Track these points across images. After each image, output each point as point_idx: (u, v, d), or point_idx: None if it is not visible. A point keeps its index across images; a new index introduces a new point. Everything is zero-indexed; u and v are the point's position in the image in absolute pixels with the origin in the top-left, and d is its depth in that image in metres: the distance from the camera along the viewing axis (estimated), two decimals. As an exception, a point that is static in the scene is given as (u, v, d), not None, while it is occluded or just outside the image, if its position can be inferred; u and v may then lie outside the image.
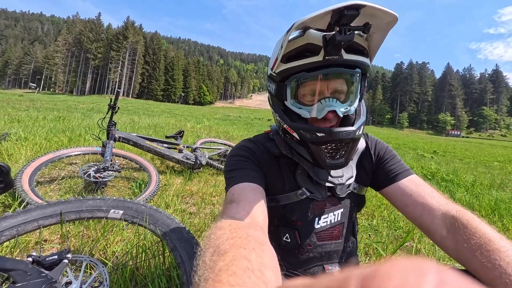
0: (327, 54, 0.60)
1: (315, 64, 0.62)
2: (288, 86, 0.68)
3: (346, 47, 0.61)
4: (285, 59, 0.65)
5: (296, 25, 0.57)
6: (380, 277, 0.12)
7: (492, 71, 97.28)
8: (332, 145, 0.66)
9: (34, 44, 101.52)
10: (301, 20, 0.56)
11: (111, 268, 1.01)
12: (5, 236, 0.82)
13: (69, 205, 0.97)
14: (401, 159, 0.80)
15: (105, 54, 76.68)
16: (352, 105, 0.67)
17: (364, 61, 0.64)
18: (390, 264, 0.13)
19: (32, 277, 0.64)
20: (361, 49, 0.64)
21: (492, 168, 7.81)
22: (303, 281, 0.16)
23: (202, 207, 1.95)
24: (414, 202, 0.67)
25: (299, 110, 0.67)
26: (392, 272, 0.12)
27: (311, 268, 0.74)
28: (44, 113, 6.67)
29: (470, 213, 0.60)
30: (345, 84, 0.67)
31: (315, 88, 0.65)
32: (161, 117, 11.03)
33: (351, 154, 0.68)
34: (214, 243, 0.39)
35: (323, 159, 0.66)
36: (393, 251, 1.52)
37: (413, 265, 0.12)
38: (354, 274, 0.13)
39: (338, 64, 0.62)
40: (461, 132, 78.49)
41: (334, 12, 0.54)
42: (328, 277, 0.14)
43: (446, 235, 0.60)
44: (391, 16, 0.57)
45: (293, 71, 0.65)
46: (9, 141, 2.79)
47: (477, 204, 2.82)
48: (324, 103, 0.65)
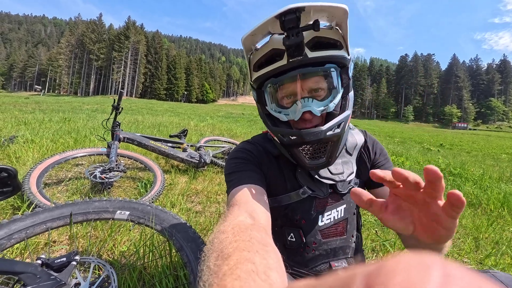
0: (290, 56, 0.61)
1: (281, 68, 0.64)
2: (265, 92, 0.71)
3: (313, 44, 0.62)
4: (257, 67, 0.69)
5: (243, 40, 0.62)
6: (385, 274, 0.12)
7: (500, 61, 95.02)
8: (309, 146, 0.66)
9: (37, 47, 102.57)
10: (244, 35, 0.61)
11: (118, 268, 1.02)
12: (15, 239, 0.84)
13: (76, 207, 0.98)
14: (392, 165, 0.81)
15: (108, 55, 77.19)
16: (333, 101, 0.66)
17: (334, 54, 0.63)
18: (394, 260, 0.12)
19: (41, 279, 0.65)
20: (332, 42, 0.63)
21: (501, 160, 7.67)
22: (307, 282, 0.15)
23: (208, 206, 1.96)
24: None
25: (278, 114, 0.69)
26: (397, 268, 0.12)
27: (318, 266, 0.73)
28: (49, 115, 6.76)
29: None
30: (322, 82, 0.66)
31: (290, 90, 0.66)
32: (165, 116, 11.08)
33: (333, 153, 0.66)
34: (217, 248, 0.39)
35: (303, 160, 0.67)
36: (401, 247, 1.50)
37: (417, 260, 0.12)
38: (359, 272, 0.13)
39: (304, 64, 0.62)
40: (468, 125, 77.17)
41: (276, 19, 0.56)
42: (332, 276, 0.14)
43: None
44: (338, 9, 0.56)
45: (263, 78, 0.68)
46: (16, 143, 2.83)
47: (485, 198, 2.77)
48: (300, 104, 0.65)
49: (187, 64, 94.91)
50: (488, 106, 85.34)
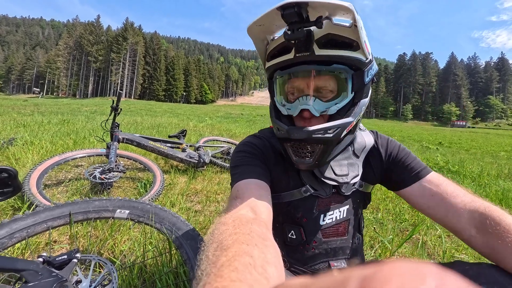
0: (297, 51, 0.60)
1: (287, 62, 0.63)
2: (274, 83, 0.71)
3: (325, 42, 0.59)
4: (270, 57, 0.69)
5: (247, 30, 0.62)
6: (379, 279, 0.12)
7: (498, 59, 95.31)
8: (297, 144, 0.65)
9: (35, 49, 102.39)
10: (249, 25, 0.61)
11: (119, 266, 1.03)
12: (16, 238, 0.85)
13: (76, 206, 0.99)
14: (416, 157, 0.75)
15: (106, 56, 77.06)
16: (337, 104, 0.63)
17: (345, 54, 0.59)
18: (390, 266, 0.12)
19: (43, 276, 0.65)
20: (347, 42, 0.59)
21: (499, 158, 7.70)
22: (303, 280, 0.16)
23: (207, 205, 1.97)
24: (436, 203, 0.65)
25: (281, 107, 0.69)
26: (392, 275, 0.12)
27: (317, 265, 0.74)
28: (48, 117, 6.76)
29: (500, 209, 0.58)
30: (330, 82, 0.63)
31: (295, 85, 0.66)
32: (164, 117, 11.08)
33: (322, 156, 0.64)
34: (217, 239, 0.40)
35: (291, 157, 0.67)
36: (399, 244, 1.52)
37: (412, 268, 0.12)
38: (354, 275, 0.13)
39: (310, 61, 0.61)
40: (467, 123, 77.23)
41: (278, 11, 0.54)
42: (328, 276, 0.14)
43: (476, 234, 0.58)
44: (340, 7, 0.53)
45: (272, 69, 0.68)
46: (16, 145, 2.84)
47: (484, 194, 2.79)
48: (301, 101, 0.64)
49: (186, 65, 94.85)
50: (487, 104, 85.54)
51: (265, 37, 0.67)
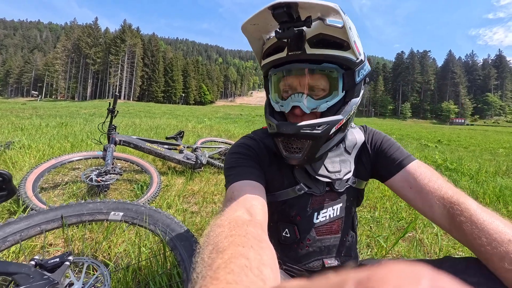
0: (289, 50, 0.62)
1: (280, 60, 0.65)
2: (269, 80, 0.72)
3: (316, 41, 0.60)
4: (265, 55, 0.70)
5: (241, 28, 0.63)
6: (375, 281, 0.12)
7: (495, 56, 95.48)
8: (286, 139, 0.66)
9: (33, 52, 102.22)
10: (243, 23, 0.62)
11: (113, 268, 1.03)
12: (9, 241, 0.85)
13: (70, 209, 1.00)
14: (400, 146, 0.76)
15: (104, 59, 76.97)
16: (328, 102, 0.64)
17: (335, 54, 0.60)
18: (385, 268, 0.13)
19: (34, 279, 0.66)
20: (338, 42, 0.60)
21: (498, 155, 7.71)
22: (299, 283, 0.16)
23: (204, 206, 1.97)
24: (414, 196, 0.66)
25: (275, 104, 0.70)
26: (387, 277, 0.12)
27: (311, 263, 0.74)
28: (46, 120, 6.75)
29: (466, 198, 0.58)
30: (322, 80, 0.64)
31: (288, 83, 0.67)
32: (162, 118, 11.08)
33: (312, 151, 0.65)
34: (213, 241, 0.40)
35: (281, 151, 0.68)
36: (394, 242, 1.52)
37: (408, 270, 0.12)
38: (350, 277, 0.13)
39: (301, 59, 0.62)
40: (466, 120, 77.39)
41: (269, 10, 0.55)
42: (323, 279, 0.14)
43: (449, 227, 0.59)
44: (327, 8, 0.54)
45: (267, 67, 0.69)
46: (13, 149, 2.84)
47: (481, 191, 2.79)
48: (294, 98, 0.66)
49: (184, 66, 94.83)
50: (485, 101, 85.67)
51: (261, 36, 0.69)
